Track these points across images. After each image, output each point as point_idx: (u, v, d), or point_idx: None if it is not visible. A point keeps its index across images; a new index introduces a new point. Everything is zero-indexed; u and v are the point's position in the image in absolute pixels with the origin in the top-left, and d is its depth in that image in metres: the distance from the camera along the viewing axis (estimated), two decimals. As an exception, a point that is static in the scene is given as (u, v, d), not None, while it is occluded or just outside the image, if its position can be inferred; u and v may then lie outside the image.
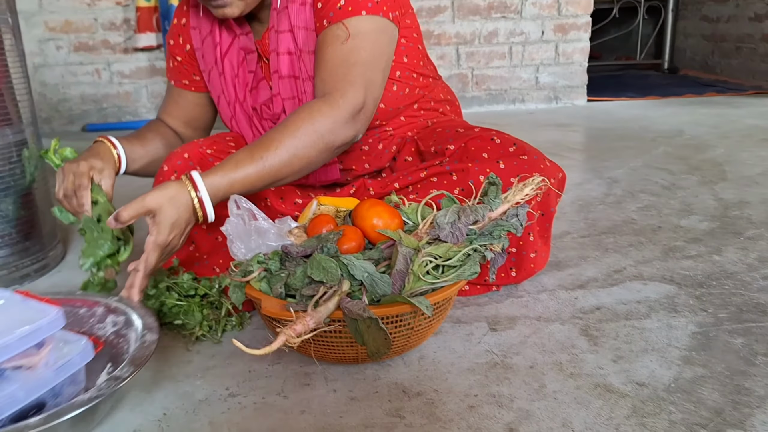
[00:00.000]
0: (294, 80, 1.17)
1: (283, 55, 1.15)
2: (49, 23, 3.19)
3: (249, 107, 1.23)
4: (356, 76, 1.05)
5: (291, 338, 0.82)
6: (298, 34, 1.13)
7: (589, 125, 2.99)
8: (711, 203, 1.69)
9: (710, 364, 0.93)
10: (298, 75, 1.16)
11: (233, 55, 1.21)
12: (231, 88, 1.23)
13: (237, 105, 1.24)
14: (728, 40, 4.39)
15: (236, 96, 1.23)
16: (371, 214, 1.03)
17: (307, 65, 1.14)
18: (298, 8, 1.12)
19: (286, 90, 1.18)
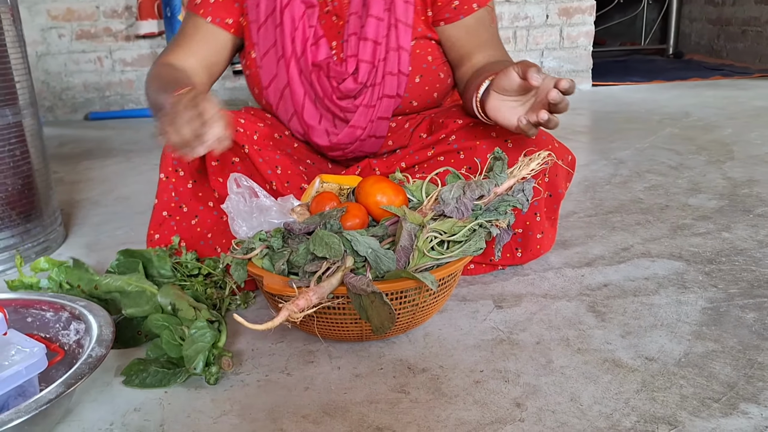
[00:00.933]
0: (375, 45, 1.16)
1: (371, 18, 1.15)
2: (51, 11, 3.17)
3: (308, 63, 1.17)
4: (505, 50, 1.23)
5: (294, 314, 0.81)
6: (398, 5, 1.16)
7: (595, 108, 2.96)
8: (719, 182, 1.67)
9: (722, 339, 0.92)
10: (381, 42, 1.16)
11: (294, 7, 1.17)
12: (289, 42, 1.17)
13: (293, 60, 1.18)
14: (734, 24, 4.34)
15: (293, 51, 1.17)
16: (375, 191, 1.01)
17: (401, 37, 1.16)
18: None
19: (366, 53, 1.16)
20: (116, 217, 1.65)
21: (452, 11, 1.18)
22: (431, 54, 1.20)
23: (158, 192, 1.14)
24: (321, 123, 1.21)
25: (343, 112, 1.20)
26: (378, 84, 1.17)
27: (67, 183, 2.01)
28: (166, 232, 1.13)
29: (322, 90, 1.18)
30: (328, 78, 1.17)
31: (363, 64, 1.16)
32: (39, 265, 1.07)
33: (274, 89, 1.22)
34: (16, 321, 0.92)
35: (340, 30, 1.19)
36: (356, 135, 1.20)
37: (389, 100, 1.19)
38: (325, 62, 1.17)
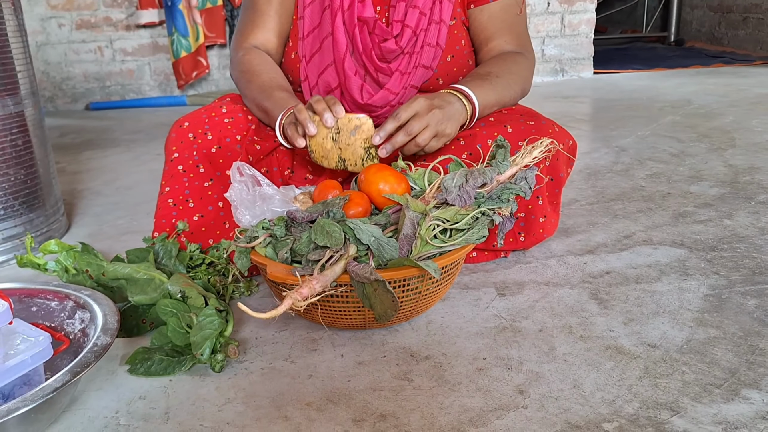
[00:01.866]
0: (421, 15, 1.19)
1: None
2: (50, 1, 3.16)
3: (353, 17, 1.19)
4: (529, 41, 1.28)
5: (297, 302, 0.81)
6: None
7: (596, 96, 2.95)
8: (721, 169, 1.67)
9: (723, 326, 0.92)
10: (426, 13, 1.19)
11: None
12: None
13: (339, 11, 1.19)
14: (735, 11, 4.32)
15: (341, 3, 1.19)
16: (377, 179, 1.01)
17: (444, 11, 1.20)
18: None
19: (413, 21, 1.19)
20: (118, 206, 1.65)
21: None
22: (464, 38, 1.24)
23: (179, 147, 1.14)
24: (356, 76, 1.23)
25: (377, 72, 1.22)
26: (416, 53, 1.20)
27: (68, 173, 2.01)
28: (177, 186, 1.13)
29: (362, 45, 1.20)
30: (370, 34, 1.20)
31: (407, 29, 1.19)
32: (49, 247, 1.08)
33: (312, 39, 1.23)
34: (21, 310, 0.92)
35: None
36: (389, 99, 1.22)
37: (423, 70, 1.22)
38: (370, 19, 1.19)
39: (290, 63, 1.26)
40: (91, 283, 1.02)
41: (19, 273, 1.25)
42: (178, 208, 1.12)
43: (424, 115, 1.03)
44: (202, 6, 3.12)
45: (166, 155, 1.15)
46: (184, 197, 1.12)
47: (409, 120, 1.03)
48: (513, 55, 1.21)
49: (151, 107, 3.22)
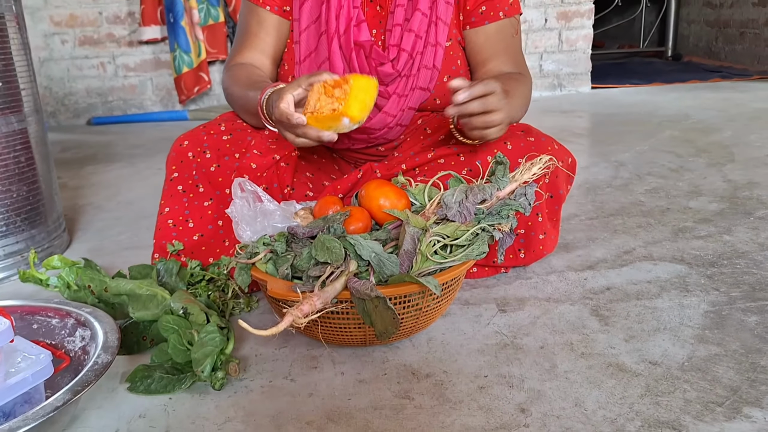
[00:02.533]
0: (417, 38, 1.20)
1: (418, 12, 1.19)
2: (54, 18, 3.18)
3: (350, 41, 1.20)
4: (525, 63, 1.28)
5: (298, 319, 0.81)
6: (440, 4, 1.20)
7: (594, 111, 2.97)
8: (720, 184, 1.67)
9: (724, 343, 0.92)
10: (422, 36, 1.20)
11: None
12: (333, 18, 1.20)
13: (336, 36, 1.20)
14: (732, 26, 4.35)
15: (337, 27, 1.20)
16: (378, 195, 1.01)
17: (439, 33, 1.21)
18: None
19: (409, 44, 1.19)
20: (119, 222, 1.65)
21: (479, 16, 1.22)
22: (460, 59, 1.25)
23: (179, 167, 1.14)
24: None
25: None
26: (413, 75, 1.21)
27: (70, 188, 2.01)
28: (177, 206, 1.14)
29: (359, 69, 1.20)
30: (367, 59, 1.20)
31: (403, 53, 1.20)
32: (52, 263, 1.08)
33: (309, 64, 1.24)
34: (22, 328, 0.92)
35: (382, 20, 1.23)
36: (387, 122, 1.23)
37: (420, 92, 1.23)
38: (366, 43, 1.20)
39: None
40: (93, 299, 1.02)
41: (21, 289, 1.25)
42: (177, 229, 1.12)
43: (502, 96, 1.01)
44: (204, 23, 3.14)
45: (166, 174, 1.15)
46: (184, 217, 1.13)
47: (489, 96, 0.99)
48: (516, 75, 1.22)
49: (152, 122, 3.23)
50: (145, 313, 0.94)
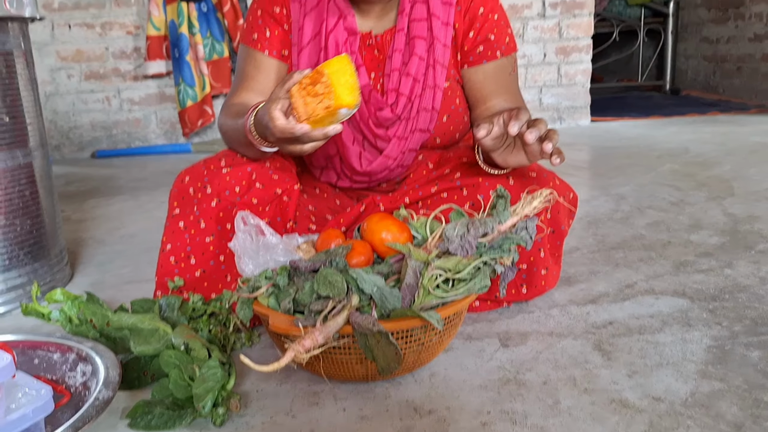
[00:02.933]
0: (415, 82, 1.21)
1: (415, 57, 1.21)
2: (61, 53, 3.24)
3: None
4: (523, 100, 1.31)
5: (300, 354, 0.81)
6: (437, 47, 1.21)
7: (594, 144, 2.99)
8: (720, 218, 1.68)
9: (727, 378, 0.92)
10: (420, 79, 1.22)
11: (338, 33, 1.21)
12: None
13: None
14: (729, 61, 4.41)
15: None
16: (380, 228, 1.02)
17: (437, 76, 1.22)
18: (441, 26, 1.22)
19: (407, 88, 1.21)
20: (121, 255, 1.66)
21: (476, 56, 1.24)
22: (459, 97, 1.26)
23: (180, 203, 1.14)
24: (354, 145, 1.25)
25: (375, 139, 1.24)
26: (412, 118, 1.23)
27: (73, 221, 2.02)
28: (179, 243, 1.13)
29: (359, 114, 1.22)
30: (366, 103, 1.22)
31: (402, 97, 1.21)
32: (54, 296, 1.08)
33: None
34: (23, 362, 0.92)
35: (379, 63, 1.24)
36: (388, 164, 1.25)
37: (420, 133, 1.24)
38: (365, 88, 1.21)
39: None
40: (94, 333, 1.02)
41: (22, 323, 1.25)
42: (179, 266, 1.13)
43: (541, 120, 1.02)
44: (209, 57, 3.19)
45: (168, 210, 1.16)
46: (186, 254, 1.13)
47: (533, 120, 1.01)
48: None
49: (156, 155, 3.26)
50: (147, 348, 0.94)
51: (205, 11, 3.16)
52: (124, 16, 3.24)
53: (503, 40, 1.25)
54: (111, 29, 3.24)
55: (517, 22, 3.40)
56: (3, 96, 1.27)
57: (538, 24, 3.42)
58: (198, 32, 3.13)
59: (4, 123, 1.27)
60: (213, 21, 3.18)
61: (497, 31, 1.24)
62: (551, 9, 3.42)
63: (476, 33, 1.23)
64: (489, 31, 1.23)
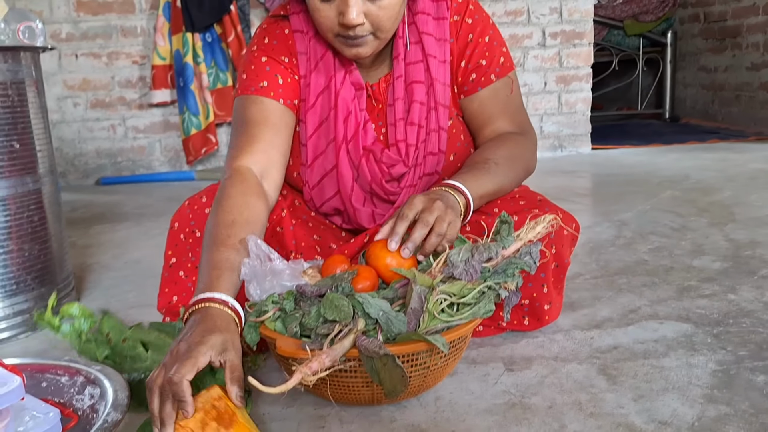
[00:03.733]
0: (419, 129, 1.17)
1: (416, 104, 1.17)
2: (67, 82, 3.29)
3: (358, 147, 1.17)
4: (527, 118, 1.28)
5: (307, 376, 0.82)
6: (437, 88, 1.17)
7: (595, 171, 3.01)
8: (722, 244, 1.69)
9: (733, 402, 0.92)
10: (423, 125, 1.18)
11: (346, 90, 1.16)
12: (341, 125, 1.16)
13: (344, 144, 1.16)
14: (727, 89, 4.47)
15: (345, 134, 1.16)
16: (385, 254, 1.03)
17: (440, 118, 1.18)
18: (439, 65, 1.17)
19: (413, 137, 1.17)
20: (127, 280, 1.66)
21: (470, 84, 1.20)
22: (463, 133, 1.23)
23: (174, 251, 1.15)
24: (365, 206, 1.22)
25: (387, 195, 1.21)
26: (419, 164, 1.19)
27: (79, 247, 2.04)
28: (183, 293, 1.15)
29: (371, 174, 1.18)
30: (377, 162, 1.17)
31: (411, 147, 1.17)
32: (70, 310, 1.09)
33: (318, 168, 1.20)
34: (31, 386, 0.92)
35: (378, 113, 1.20)
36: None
37: (428, 177, 1.22)
38: (376, 147, 1.17)
39: (293, 180, 1.24)
40: (103, 350, 1.02)
41: (30, 347, 1.25)
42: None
43: (430, 208, 0.99)
44: (213, 86, 3.24)
45: (165, 260, 1.16)
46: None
47: (422, 214, 0.99)
48: (512, 137, 1.20)
49: (160, 182, 3.28)
50: None
51: (210, 41, 3.22)
52: (130, 46, 3.30)
53: (497, 62, 1.20)
54: (117, 59, 3.30)
55: (518, 51, 3.46)
56: (14, 123, 1.29)
57: (538, 53, 3.48)
58: (202, 62, 3.18)
59: (15, 150, 1.30)
60: (217, 51, 3.24)
61: (489, 54, 1.19)
62: (551, 39, 3.48)
63: (467, 61, 1.18)
64: (480, 56, 1.18)
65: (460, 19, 1.19)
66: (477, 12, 1.20)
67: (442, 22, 1.18)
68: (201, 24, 3.14)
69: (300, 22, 1.18)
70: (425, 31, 1.17)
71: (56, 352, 1.16)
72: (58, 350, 1.21)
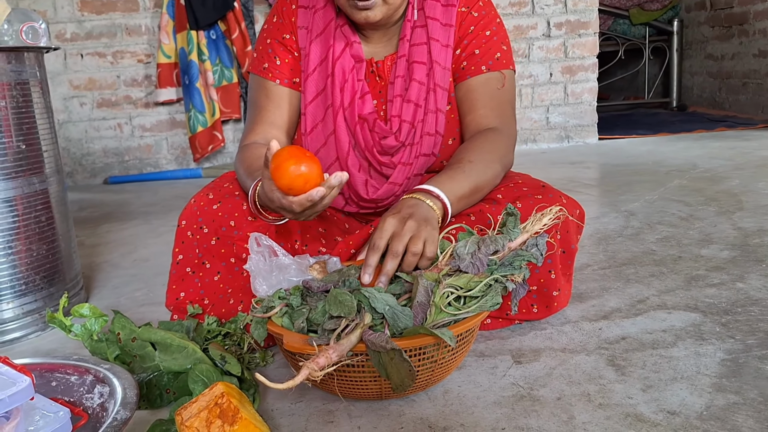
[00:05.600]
0: (416, 107, 1.21)
1: (414, 82, 1.21)
2: (73, 82, 3.30)
3: (354, 114, 1.22)
4: (511, 117, 1.26)
5: (314, 372, 0.82)
6: (437, 71, 1.21)
7: (602, 161, 3.00)
8: (730, 232, 1.68)
9: (742, 391, 0.91)
10: (421, 104, 1.22)
11: (345, 60, 1.22)
12: (338, 92, 1.22)
13: (341, 110, 1.22)
14: (734, 77, 4.43)
15: (342, 101, 1.22)
16: (289, 163, 0.93)
17: (438, 99, 1.22)
18: (441, 49, 1.22)
19: (409, 114, 1.21)
20: (135, 279, 1.67)
21: (461, 71, 1.24)
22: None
23: (181, 248, 1.16)
24: (360, 172, 1.25)
25: (380, 166, 1.24)
26: (416, 143, 1.23)
27: (87, 246, 2.05)
28: (191, 289, 1.16)
29: (364, 142, 1.22)
30: (371, 131, 1.22)
31: (405, 124, 1.21)
32: (81, 310, 1.10)
33: (317, 135, 1.25)
34: (41, 385, 0.93)
35: (381, 90, 1.25)
36: (394, 191, 1.25)
37: (425, 158, 1.24)
38: (370, 116, 1.21)
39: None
40: (114, 350, 1.03)
41: (40, 347, 1.26)
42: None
43: (400, 232, 0.99)
44: (218, 84, 3.25)
45: (172, 257, 1.17)
46: (200, 297, 1.16)
47: (389, 243, 0.99)
48: (487, 134, 1.20)
49: (167, 180, 3.30)
50: (173, 364, 0.95)
51: (214, 38, 3.22)
52: (135, 45, 3.30)
53: (491, 55, 1.22)
54: (122, 58, 3.31)
55: (523, 42, 3.44)
56: (19, 124, 1.30)
57: (543, 44, 3.46)
58: (207, 59, 3.18)
59: (21, 150, 1.30)
60: (222, 48, 3.24)
61: (485, 46, 1.22)
62: (556, 29, 3.45)
63: (462, 50, 1.23)
64: (476, 46, 1.22)
65: (467, 11, 1.23)
66: (486, 8, 1.25)
67: (450, 9, 1.22)
68: (205, 21, 3.14)
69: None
70: (432, 16, 1.22)
71: (66, 351, 1.16)
72: (68, 349, 1.22)
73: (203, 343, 1.08)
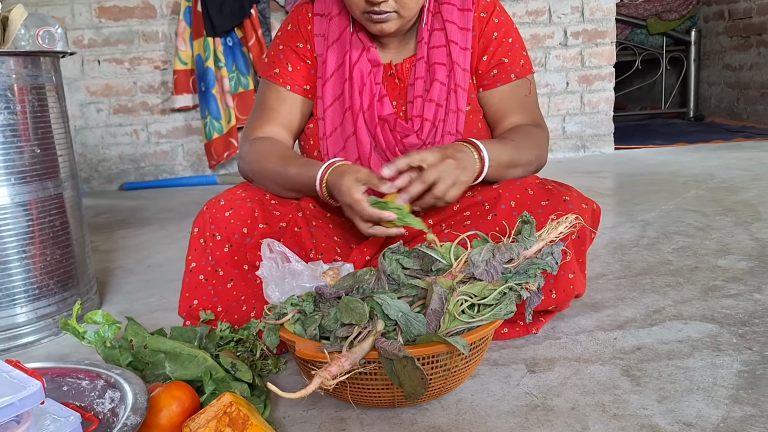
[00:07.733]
0: (438, 107, 1.24)
1: (436, 83, 1.23)
2: (90, 88, 3.34)
3: (374, 116, 1.23)
4: (542, 117, 1.34)
5: (326, 380, 0.81)
6: (457, 72, 1.24)
7: (619, 171, 2.98)
8: (748, 243, 1.65)
9: (760, 403, 0.89)
10: (442, 104, 1.24)
11: (363, 64, 1.24)
12: (357, 95, 1.24)
13: (360, 113, 1.24)
14: (753, 87, 4.38)
15: (361, 104, 1.23)
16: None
17: (459, 99, 1.25)
18: (460, 51, 1.25)
19: (430, 114, 1.23)
20: (149, 284, 1.68)
21: (491, 79, 1.27)
22: (481, 121, 1.29)
23: (195, 256, 1.16)
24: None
25: None
26: (437, 142, 1.24)
27: (102, 252, 2.06)
28: (204, 297, 1.16)
29: (385, 142, 1.24)
30: (392, 131, 1.24)
31: (426, 123, 1.23)
32: (94, 317, 1.11)
33: (336, 138, 1.27)
34: (52, 390, 0.93)
35: (401, 92, 1.27)
36: None
37: None
38: (390, 117, 1.23)
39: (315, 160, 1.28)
40: (126, 357, 1.03)
41: (52, 351, 1.27)
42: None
43: (437, 165, 1.06)
44: (235, 90, 3.27)
45: (186, 265, 1.18)
46: (213, 304, 1.16)
47: (425, 171, 1.06)
48: (528, 127, 1.27)
49: (183, 186, 3.32)
50: (184, 373, 0.95)
51: (231, 45, 3.25)
52: (152, 52, 3.34)
53: (518, 63, 1.27)
54: (139, 64, 3.34)
55: (539, 51, 3.43)
56: (35, 128, 1.31)
57: (560, 53, 3.45)
58: (224, 66, 3.21)
59: (36, 155, 1.31)
60: (238, 55, 3.27)
61: (511, 54, 1.27)
62: (573, 38, 3.44)
63: (490, 57, 1.26)
64: (503, 54, 1.26)
65: (487, 17, 1.26)
66: (503, 15, 1.29)
67: (467, 13, 1.25)
68: (222, 28, 3.17)
69: (322, 5, 1.28)
70: (449, 20, 1.24)
71: (79, 356, 1.17)
72: (81, 354, 1.23)
73: (216, 350, 1.08)
